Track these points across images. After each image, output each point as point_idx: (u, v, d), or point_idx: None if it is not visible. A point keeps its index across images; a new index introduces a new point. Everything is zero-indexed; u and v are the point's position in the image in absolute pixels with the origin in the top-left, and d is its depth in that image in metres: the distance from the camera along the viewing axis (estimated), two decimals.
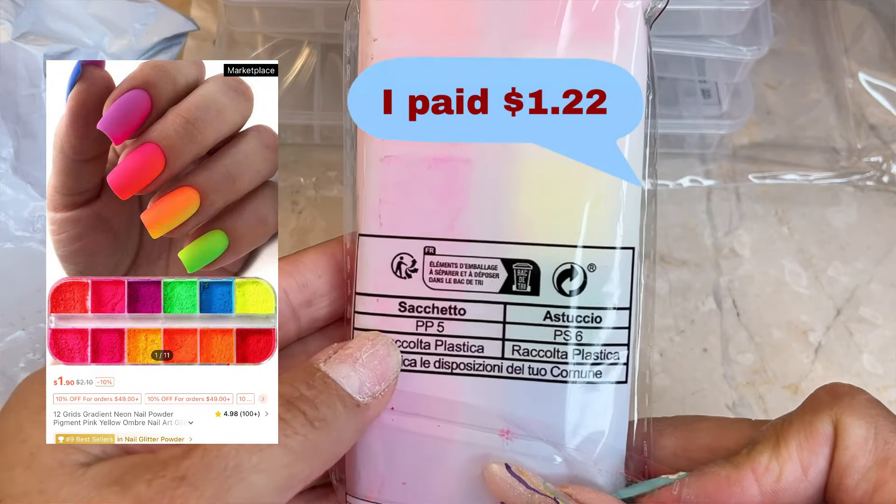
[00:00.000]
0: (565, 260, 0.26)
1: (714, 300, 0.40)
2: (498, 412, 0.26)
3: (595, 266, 0.26)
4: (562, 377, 0.26)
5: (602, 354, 0.26)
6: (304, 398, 0.23)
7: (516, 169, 0.26)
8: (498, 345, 0.26)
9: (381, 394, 0.24)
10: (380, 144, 0.26)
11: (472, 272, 0.26)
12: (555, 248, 0.26)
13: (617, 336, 0.26)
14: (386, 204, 0.26)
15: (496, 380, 0.26)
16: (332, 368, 0.24)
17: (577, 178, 0.26)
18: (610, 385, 0.26)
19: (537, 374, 0.26)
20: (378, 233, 0.26)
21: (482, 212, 0.26)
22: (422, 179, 0.26)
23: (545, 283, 0.26)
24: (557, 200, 0.26)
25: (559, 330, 0.26)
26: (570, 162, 0.26)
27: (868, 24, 0.47)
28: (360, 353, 0.25)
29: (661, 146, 0.44)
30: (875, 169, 0.43)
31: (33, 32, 0.36)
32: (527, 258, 0.26)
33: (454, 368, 0.26)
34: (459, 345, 0.26)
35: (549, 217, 0.26)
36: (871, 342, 0.39)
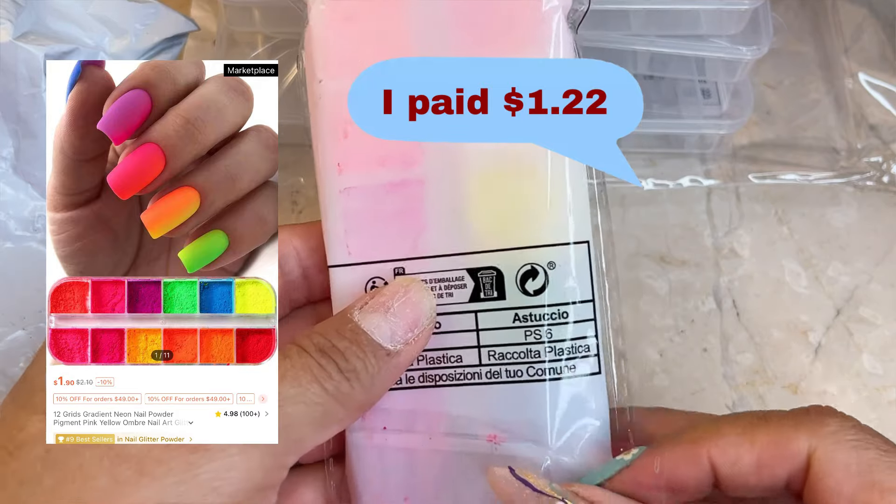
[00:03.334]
0: (526, 261, 0.27)
1: (714, 300, 0.40)
2: (483, 418, 0.26)
3: (554, 263, 0.26)
4: (538, 376, 0.26)
5: (573, 348, 0.26)
6: (335, 349, 0.24)
7: (467, 182, 0.27)
8: (475, 352, 0.27)
9: (414, 339, 0.25)
10: (337, 178, 0.27)
11: (441, 286, 0.27)
12: (514, 251, 0.27)
13: (584, 329, 0.27)
14: (351, 233, 0.27)
15: (477, 387, 0.27)
16: (365, 318, 0.25)
17: (526, 182, 0.27)
18: (585, 378, 0.26)
19: (514, 375, 0.26)
20: (347, 261, 0.27)
21: (442, 227, 0.27)
22: (382, 205, 0.27)
23: (510, 286, 0.27)
24: (510, 206, 0.27)
25: (529, 330, 0.26)
26: (516, 168, 0.27)
27: (868, 24, 0.47)
28: (393, 302, 0.25)
29: (661, 146, 0.44)
30: (875, 169, 0.43)
31: (34, 32, 0.36)
32: (490, 265, 0.27)
33: (437, 381, 0.27)
34: (440, 357, 0.27)
35: (505, 222, 0.27)
36: (871, 342, 0.39)
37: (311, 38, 0.28)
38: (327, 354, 0.24)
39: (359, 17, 0.27)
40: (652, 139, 0.44)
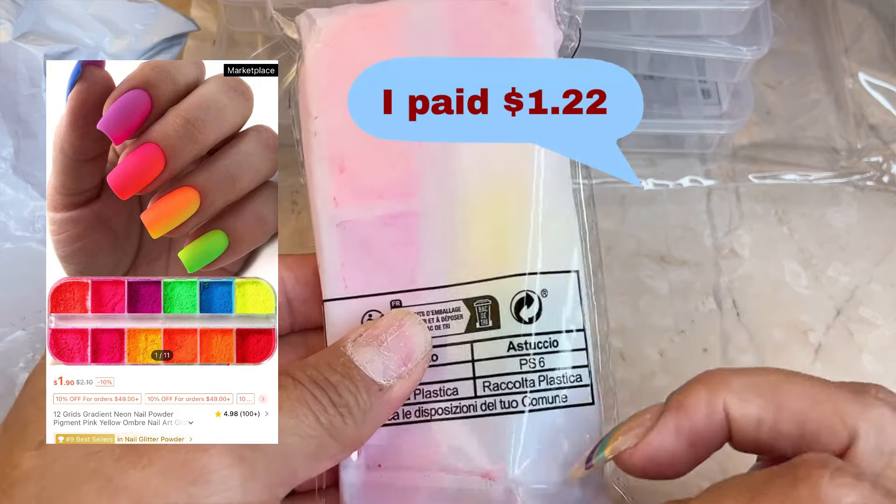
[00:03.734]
0: (520, 288, 0.26)
1: (714, 300, 0.40)
2: (479, 452, 0.26)
3: (547, 291, 0.26)
4: (532, 406, 0.26)
5: (565, 378, 0.26)
6: (328, 382, 0.24)
7: (461, 212, 0.27)
8: (470, 384, 0.26)
9: (408, 373, 0.25)
10: (333, 211, 0.27)
11: (438, 317, 0.27)
12: (509, 279, 0.26)
13: (576, 358, 0.26)
14: (348, 267, 0.27)
15: (473, 420, 0.26)
16: (358, 352, 0.25)
17: (519, 210, 0.27)
18: (579, 408, 0.26)
19: (509, 406, 0.26)
20: (344, 295, 0.27)
21: (438, 258, 0.27)
22: (378, 238, 0.27)
23: (504, 315, 0.26)
24: (503, 234, 0.27)
25: (523, 359, 0.26)
26: (508, 196, 0.27)
27: (868, 24, 0.47)
28: (386, 336, 0.25)
29: (661, 146, 0.44)
30: (875, 169, 0.43)
31: (34, 32, 0.36)
32: (485, 294, 0.27)
33: (433, 415, 0.27)
34: (436, 391, 0.27)
35: (499, 251, 0.27)
36: (871, 342, 0.39)
37: (307, 75, 0.28)
38: (321, 387, 0.24)
39: (353, 52, 0.28)
40: (652, 139, 0.44)
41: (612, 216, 0.43)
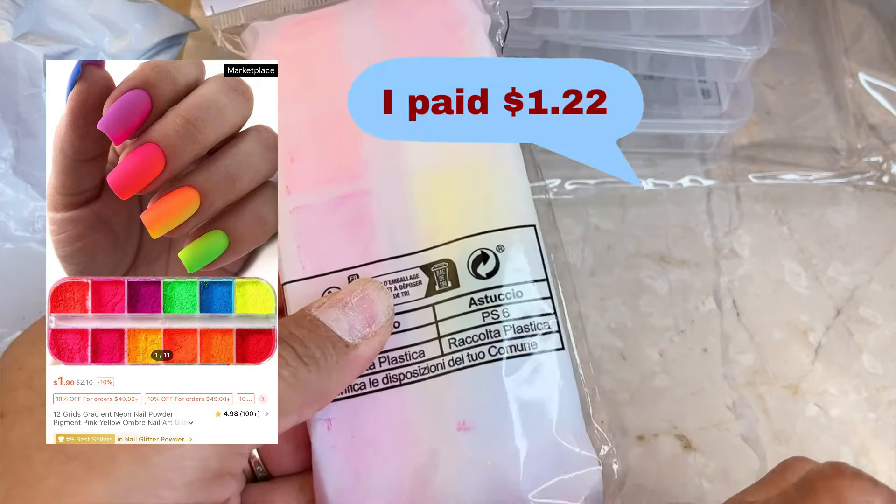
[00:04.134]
0: (475, 247, 0.27)
1: (714, 300, 0.40)
2: (453, 406, 0.26)
3: (503, 247, 0.27)
4: (500, 354, 0.26)
5: (532, 325, 0.27)
6: (293, 336, 0.24)
7: (411, 185, 0.28)
8: (436, 344, 0.27)
9: (373, 334, 0.26)
10: (286, 199, 0.28)
11: (396, 286, 0.27)
12: (463, 240, 0.27)
13: (542, 306, 0.27)
14: (304, 249, 0.28)
15: (442, 377, 0.26)
16: (323, 313, 0.25)
17: (468, 176, 0.28)
18: (548, 353, 0.27)
19: (476, 358, 0.26)
20: (302, 276, 0.28)
21: (391, 231, 0.28)
22: (332, 218, 0.28)
23: (463, 274, 0.27)
24: (455, 201, 0.27)
25: (486, 311, 0.27)
26: (457, 164, 0.28)
27: (868, 24, 0.47)
28: (350, 298, 0.26)
29: (661, 146, 0.44)
30: (875, 169, 0.43)
31: (33, 32, 0.36)
32: (442, 258, 0.27)
33: (402, 380, 0.27)
34: (401, 356, 0.27)
35: (452, 217, 0.27)
36: (871, 342, 0.39)
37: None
38: (284, 342, 0.24)
39: (295, 57, 0.30)
40: (652, 139, 0.44)
41: (612, 216, 0.43)
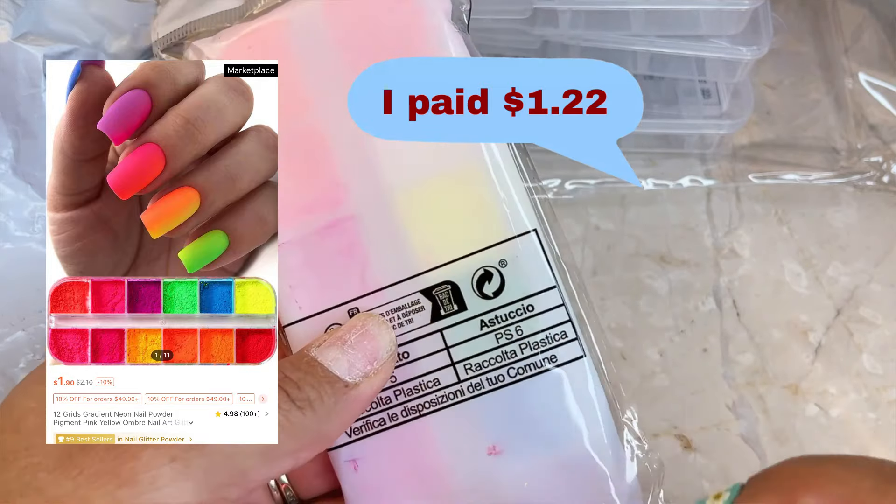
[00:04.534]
0: (477, 266, 0.26)
1: (714, 300, 0.40)
2: (480, 432, 0.26)
3: (505, 261, 0.26)
4: (519, 375, 0.26)
5: (549, 338, 0.26)
6: (288, 380, 0.24)
7: (397, 203, 0.27)
8: (450, 371, 0.26)
9: (374, 372, 0.25)
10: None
11: (399, 315, 0.27)
12: (462, 260, 0.26)
13: (555, 316, 0.26)
14: (297, 288, 0.27)
15: (463, 404, 0.26)
16: (322, 353, 0.25)
17: (457, 187, 0.26)
18: (569, 364, 0.26)
19: (496, 382, 0.26)
20: (300, 317, 0.27)
21: (386, 256, 0.27)
22: (321, 251, 0.27)
23: (468, 295, 0.26)
24: (447, 216, 0.26)
25: (499, 332, 0.26)
26: (443, 176, 0.26)
27: (868, 24, 0.47)
28: (350, 335, 0.25)
29: (661, 146, 0.44)
30: (875, 169, 0.43)
31: (33, 33, 0.36)
32: (443, 280, 0.26)
33: (421, 411, 0.26)
34: (416, 386, 0.26)
35: (446, 233, 0.26)
36: (871, 342, 0.39)
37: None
38: (279, 385, 0.24)
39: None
40: (652, 139, 0.44)
41: (612, 216, 0.43)
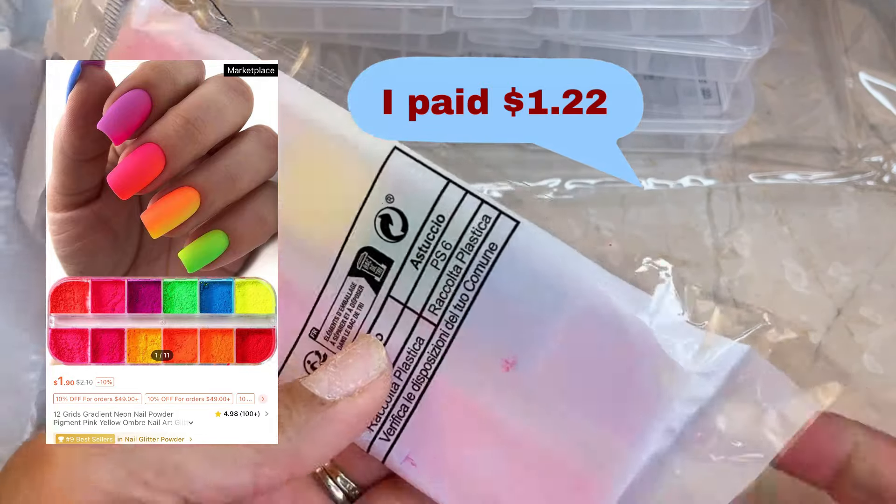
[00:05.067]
0: (371, 217, 0.26)
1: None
2: (484, 360, 0.26)
3: (391, 195, 0.26)
4: (477, 282, 0.25)
5: (477, 232, 0.25)
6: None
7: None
8: (423, 323, 0.26)
9: (360, 390, 0.24)
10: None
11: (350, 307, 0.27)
12: (357, 222, 0.26)
13: (467, 209, 0.26)
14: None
15: (454, 343, 0.26)
16: (307, 377, 0.24)
17: (305, 172, 0.26)
18: (512, 238, 0.25)
19: (465, 303, 0.26)
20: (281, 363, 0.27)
21: (300, 270, 0.26)
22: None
23: (386, 248, 0.26)
24: (318, 198, 0.26)
25: (433, 260, 0.26)
26: (289, 174, 0.26)
27: (868, 24, 0.47)
28: (337, 357, 0.25)
29: (661, 146, 0.44)
30: (875, 169, 0.43)
31: (32, 38, 0.36)
32: (356, 251, 0.26)
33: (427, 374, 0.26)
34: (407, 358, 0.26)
35: (329, 212, 0.26)
36: (871, 342, 0.39)
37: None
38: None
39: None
40: (652, 139, 0.44)
41: (612, 216, 0.43)
